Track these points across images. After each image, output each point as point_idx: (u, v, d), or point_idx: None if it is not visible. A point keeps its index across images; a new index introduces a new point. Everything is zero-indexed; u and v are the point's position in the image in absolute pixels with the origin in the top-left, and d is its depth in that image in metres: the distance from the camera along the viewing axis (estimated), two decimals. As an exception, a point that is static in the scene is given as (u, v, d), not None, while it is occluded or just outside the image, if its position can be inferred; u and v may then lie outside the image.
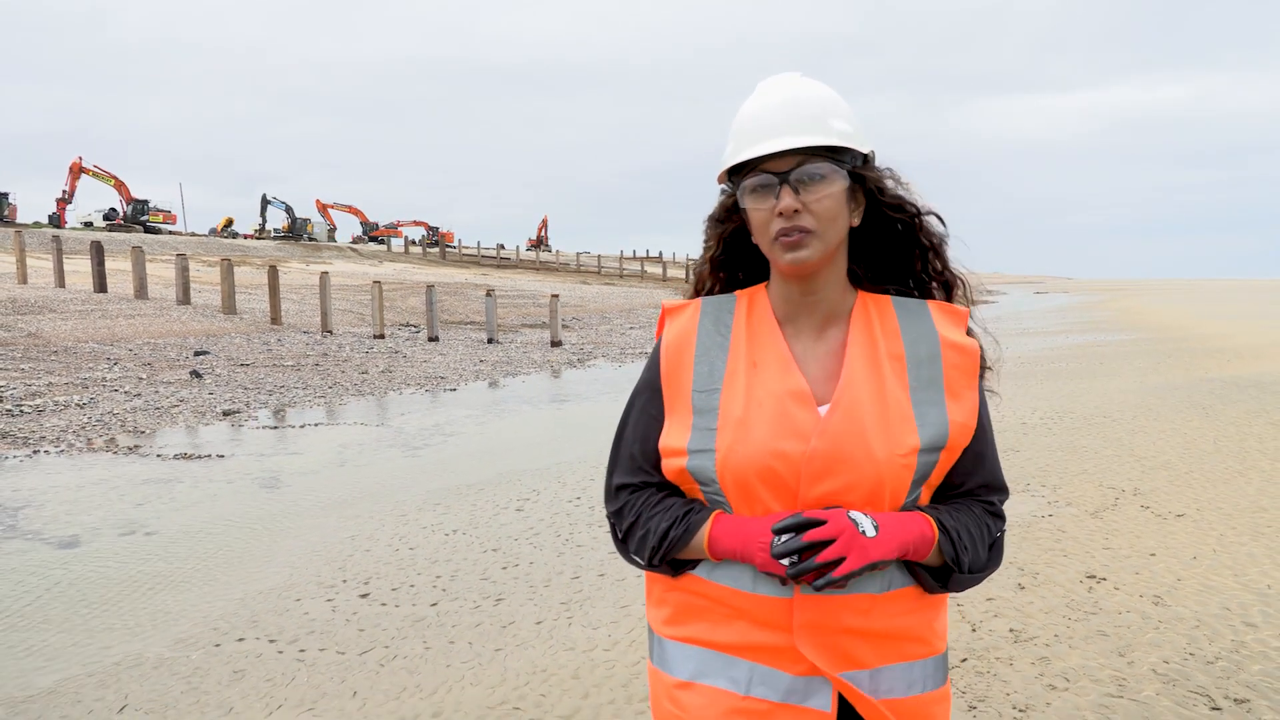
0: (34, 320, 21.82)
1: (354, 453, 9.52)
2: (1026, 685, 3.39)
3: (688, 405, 1.42)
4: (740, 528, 1.35)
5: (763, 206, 1.37)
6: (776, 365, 1.41)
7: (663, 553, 1.40)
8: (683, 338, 1.47)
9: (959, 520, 1.39)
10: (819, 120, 1.38)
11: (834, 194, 1.36)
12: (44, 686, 3.97)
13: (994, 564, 1.44)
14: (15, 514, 7.06)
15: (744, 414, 1.38)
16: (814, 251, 1.36)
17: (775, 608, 1.35)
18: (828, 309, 1.44)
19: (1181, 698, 3.24)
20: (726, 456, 1.36)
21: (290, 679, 3.92)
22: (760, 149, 1.36)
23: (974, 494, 1.44)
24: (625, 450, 1.50)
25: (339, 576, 5.36)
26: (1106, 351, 20.66)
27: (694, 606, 1.43)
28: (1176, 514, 5.86)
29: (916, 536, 1.33)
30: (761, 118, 1.40)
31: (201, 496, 7.63)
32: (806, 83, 1.43)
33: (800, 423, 1.35)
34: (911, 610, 1.39)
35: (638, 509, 1.45)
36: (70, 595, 5.22)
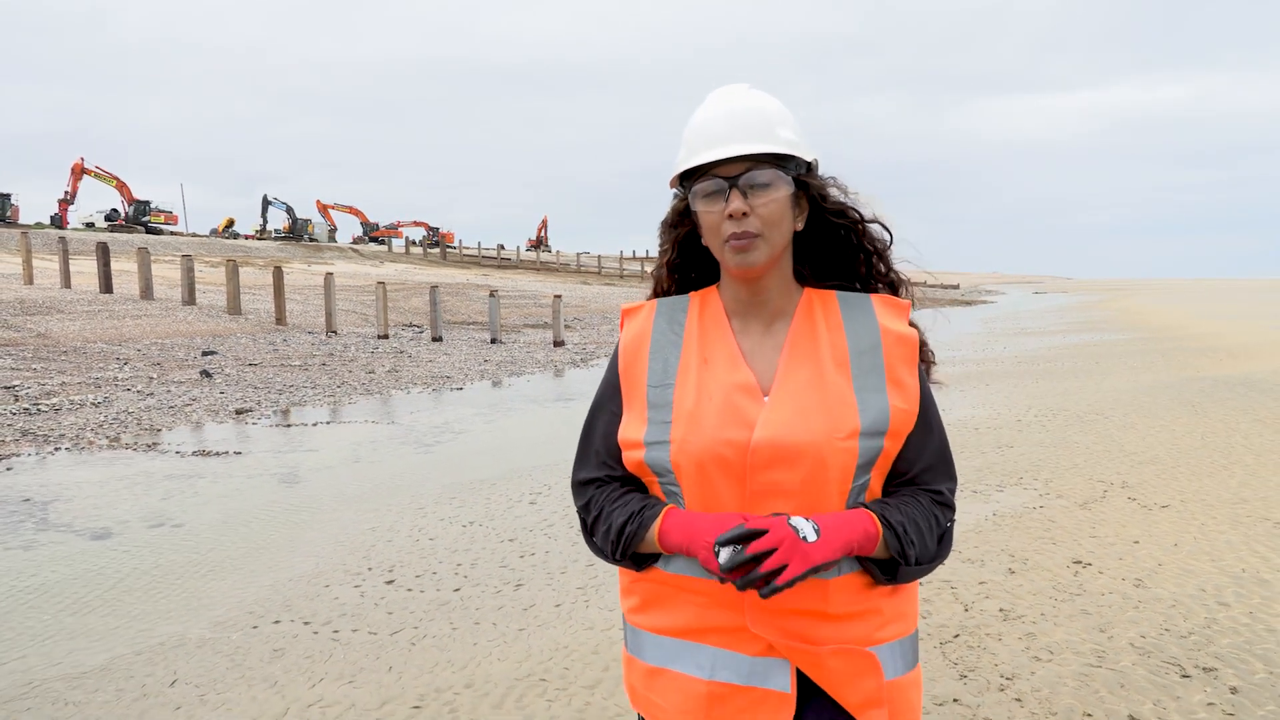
0: (42, 321, 22.04)
1: (367, 449, 9.79)
2: (1013, 657, 3.67)
3: (643, 400, 1.50)
4: (687, 525, 1.40)
5: (713, 210, 1.45)
6: (725, 360, 1.49)
7: (621, 548, 1.47)
8: (639, 337, 1.56)
9: (905, 514, 1.43)
10: (766, 129, 1.45)
11: (779, 199, 1.44)
12: (95, 665, 4.24)
13: (943, 555, 1.48)
14: (45, 507, 7.32)
15: (695, 407, 1.45)
16: (760, 255, 1.44)
17: (729, 592, 1.41)
18: (774, 306, 1.52)
19: (1155, 667, 3.53)
20: (680, 447, 1.43)
21: (328, 656, 4.20)
22: (711, 155, 1.44)
23: (921, 481, 1.48)
24: (590, 447, 1.57)
25: (364, 565, 5.64)
26: (1102, 351, 20.94)
27: (658, 595, 1.49)
28: (1161, 505, 6.14)
29: (860, 535, 1.37)
30: (712, 126, 1.47)
31: (224, 491, 7.89)
32: (755, 94, 1.51)
33: (747, 413, 1.43)
34: (865, 593, 1.43)
35: (600, 503, 1.52)
36: (108, 582, 5.49)
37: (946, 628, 4.04)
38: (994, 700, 3.30)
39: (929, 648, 3.79)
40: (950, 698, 3.33)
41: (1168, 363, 17.31)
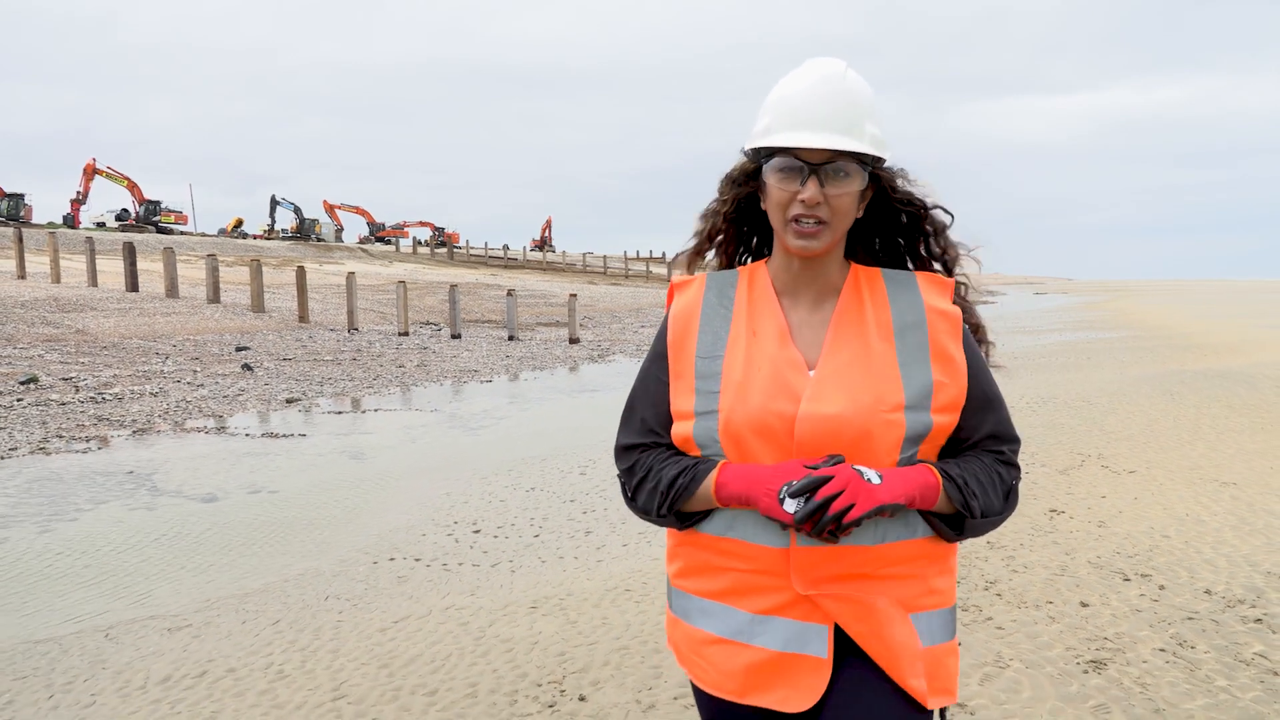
0: (79, 318, 22.98)
1: (420, 433, 10.80)
2: (995, 570, 4.68)
3: (692, 371, 1.54)
4: (746, 474, 1.45)
5: (786, 188, 1.46)
6: (774, 334, 1.52)
7: (670, 500, 1.50)
8: (689, 309, 1.59)
9: (965, 469, 1.47)
10: (856, 123, 1.46)
11: (853, 192, 1.47)
12: (256, 587, 5.24)
13: (1009, 508, 1.52)
14: (150, 479, 8.32)
15: (744, 378, 1.49)
16: (823, 242, 1.48)
17: (774, 558, 1.45)
18: (823, 283, 1.55)
19: (1104, 575, 4.55)
20: (729, 417, 1.47)
21: (445, 580, 5.21)
22: (801, 140, 1.44)
23: (981, 446, 1.51)
24: (636, 414, 1.61)
25: (450, 519, 6.64)
26: (1095, 348, 21.94)
27: (701, 560, 1.54)
28: (1129, 471, 7.15)
29: (921, 484, 1.41)
30: (805, 105, 1.47)
31: (301, 465, 8.89)
32: (851, 77, 1.49)
33: (793, 385, 1.46)
34: (908, 562, 1.47)
35: (648, 464, 1.56)
36: (236, 532, 6.49)
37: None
38: (980, 596, 4.31)
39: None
40: (947, 594, 4.36)
41: (1155, 358, 18.33)
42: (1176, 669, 3.46)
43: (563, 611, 4.43)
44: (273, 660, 3.94)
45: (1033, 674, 3.45)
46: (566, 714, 3.30)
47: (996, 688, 3.34)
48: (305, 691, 3.57)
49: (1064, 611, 4.09)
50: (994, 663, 3.55)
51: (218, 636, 4.36)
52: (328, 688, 3.60)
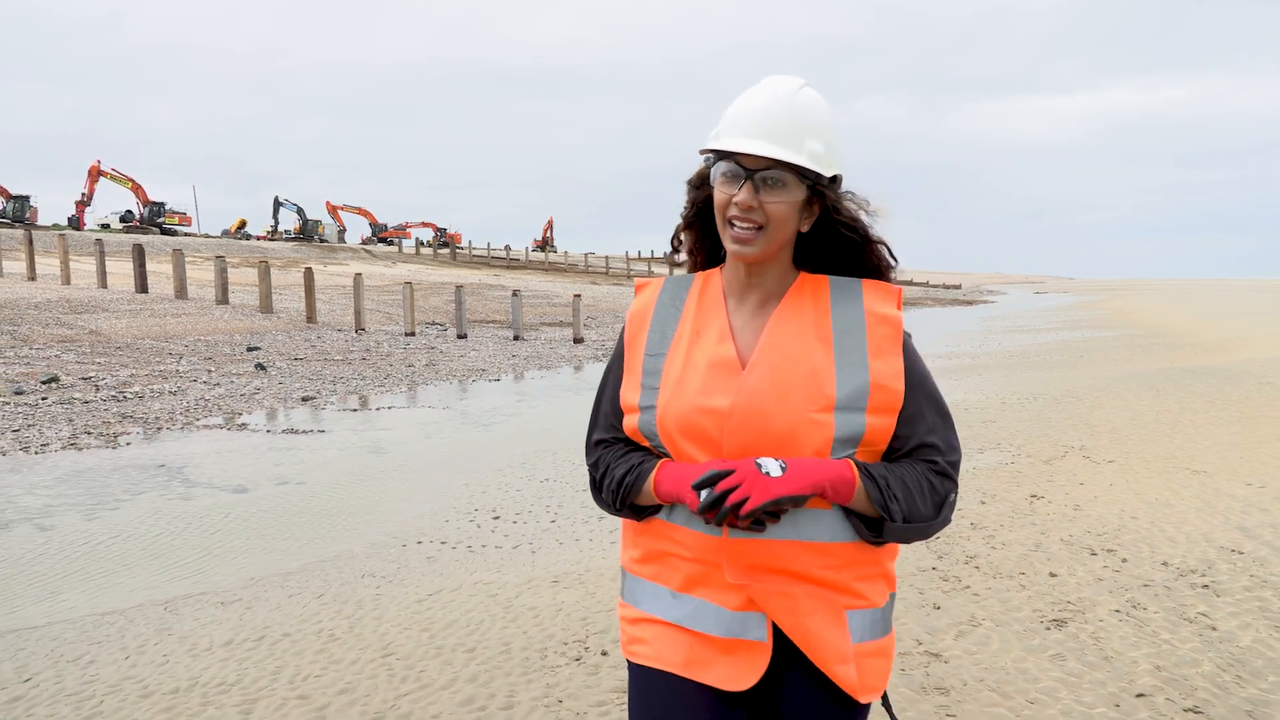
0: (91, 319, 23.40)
1: (434, 428, 11.24)
2: (976, 547, 5.13)
3: (639, 367, 1.63)
4: (676, 474, 1.53)
5: (726, 191, 1.54)
6: (715, 334, 1.59)
7: (620, 497, 1.60)
8: (644, 308, 1.68)
9: (890, 471, 1.50)
10: (796, 138, 1.51)
11: (789, 202, 1.52)
12: (296, 567, 5.69)
13: (942, 520, 1.53)
14: (181, 471, 8.76)
15: (681, 375, 1.57)
16: (756, 249, 1.53)
17: (712, 546, 1.53)
18: (769, 288, 1.61)
19: (1074, 550, 5.00)
20: (664, 412, 1.56)
21: (471, 559, 5.65)
22: (736, 145, 1.52)
23: (915, 454, 1.55)
24: (601, 410, 1.72)
25: (470, 507, 7.09)
26: (1088, 346, 22.38)
27: (655, 548, 1.62)
28: (1108, 460, 7.59)
29: (833, 476, 1.45)
30: (751, 113, 1.54)
31: (325, 459, 9.33)
32: (802, 96, 1.56)
33: (724, 382, 1.53)
34: (842, 565, 1.52)
35: (606, 461, 1.66)
36: (270, 520, 6.93)
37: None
38: (960, 569, 4.76)
39: (917, 547, 5.24)
40: (930, 566, 4.79)
41: (1146, 356, 18.77)
42: (1128, 626, 3.91)
43: (582, 585, 4.87)
44: (323, 626, 4.39)
45: (1001, 631, 3.90)
46: (591, 666, 3.74)
47: (969, 642, 3.79)
48: (357, 650, 4.02)
49: (1034, 581, 4.54)
50: (968, 622, 4.01)
51: (268, 608, 4.80)
52: (376, 647, 4.04)
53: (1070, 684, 3.39)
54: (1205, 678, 3.41)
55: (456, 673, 3.71)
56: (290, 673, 3.78)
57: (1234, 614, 4.03)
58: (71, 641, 4.38)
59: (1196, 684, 3.36)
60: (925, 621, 4.05)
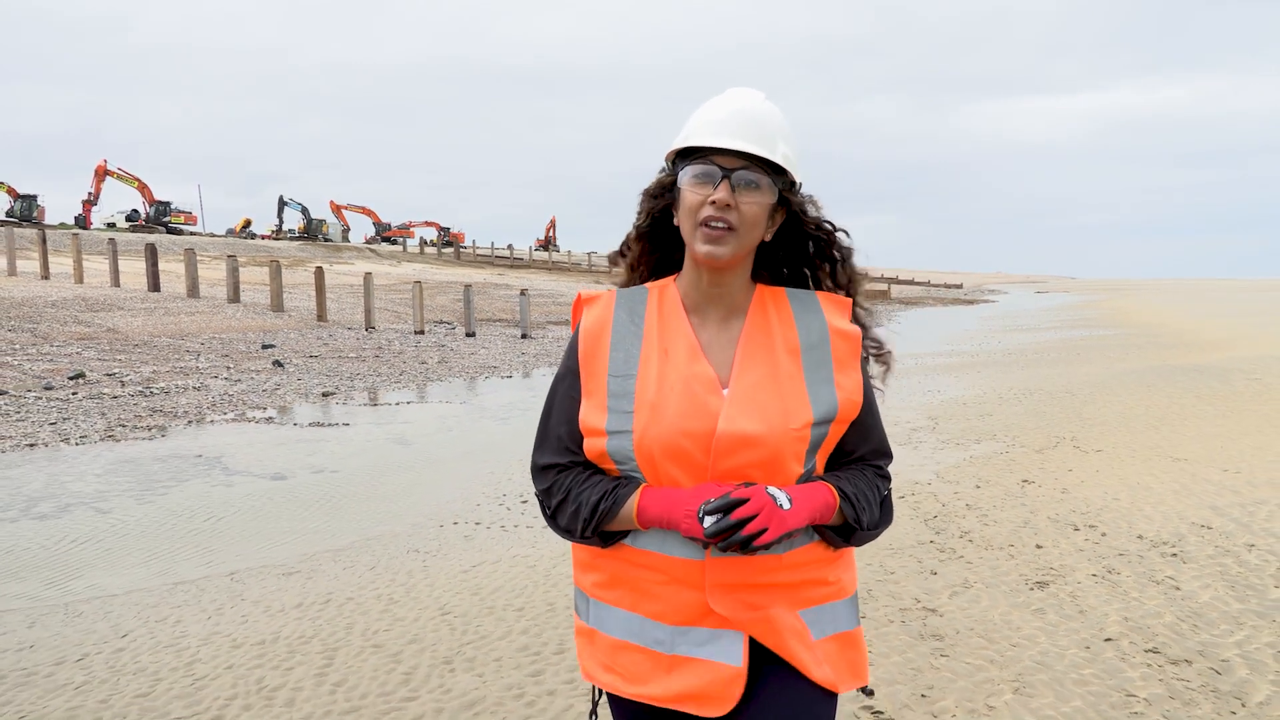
0: (107, 317, 23.87)
1: (454, 422, 11.73)
2: (969, 524, 5.63)
3: (604, 389, 1.56)
4: (666, 498, 1.49)
5: (698, 192, 1.52)
6: (685, 353, 1.57)
7: (594, 524, 1.53)
8: (599, 326, 1.61)
9: (856, 485, 1.58)
10: (769, 139, 1.54)
11: (763, 204, 1.53)
12: (343, 544, 6.17)
13: (886, 520, 1.63)
14: (219, 461, 9.24)
15: (656, 397, 1.52)
16: (728, 250, 1.52)
17: (690, 570, 1.52)
18: (731, 301, 1.61)
19: (1058, 526, 5.49)
20: (642, 436, 1.51)
21: (506, 537, 6.13)
22: (715, 140, 1.52)
23: (864, 459, 1.63)
24: (552, 432, 1.63)
25: (499, 493, 7.57)
26: (1086, 345, 22.86)
27: (623, 574, 1.58)
28: (1097, 450, 8.08)
29: (823, 505, 1.51)
30: (722, 117, 1.55)
31: (353, 450, 9.82)
32: (768, 104, 1.59)
33: (707, 403, 1.51)
34: (815, 562, 1.57)
35: (566, 486, 1.58)
36: (310, 504, 7.41)
37: (929, 512, 5.99)
38: (955, 542, 5.26)
39: (917, 523, 5.72)
40: (928, 540, 5.29)
41: (1141, 354, 19.26)
42: (1102, 586, 4.41)
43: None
44: (381, 592, 4.87)
45: (990, 591, 4.40)
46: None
47: (961, 600, 4.28)
48: (417, 609, 4.50)
49: (1021, 551, 5.04)
50: (961, 585, 4.50)
51: (327, 578, 5.29)
52: (434, 608, 4.52)
53: (1048, 632, 3.88)
54: (1166, 626, 3.90)
55: (510, 626, 4.19)
56: (361, 628, 4.26)
57: (1197, 577, 4.52)
58: (154, 605, 4.86)
59: (1158, 631, 3.86)
60: (923, 584, 4.54)
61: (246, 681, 3.67)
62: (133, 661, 3.97)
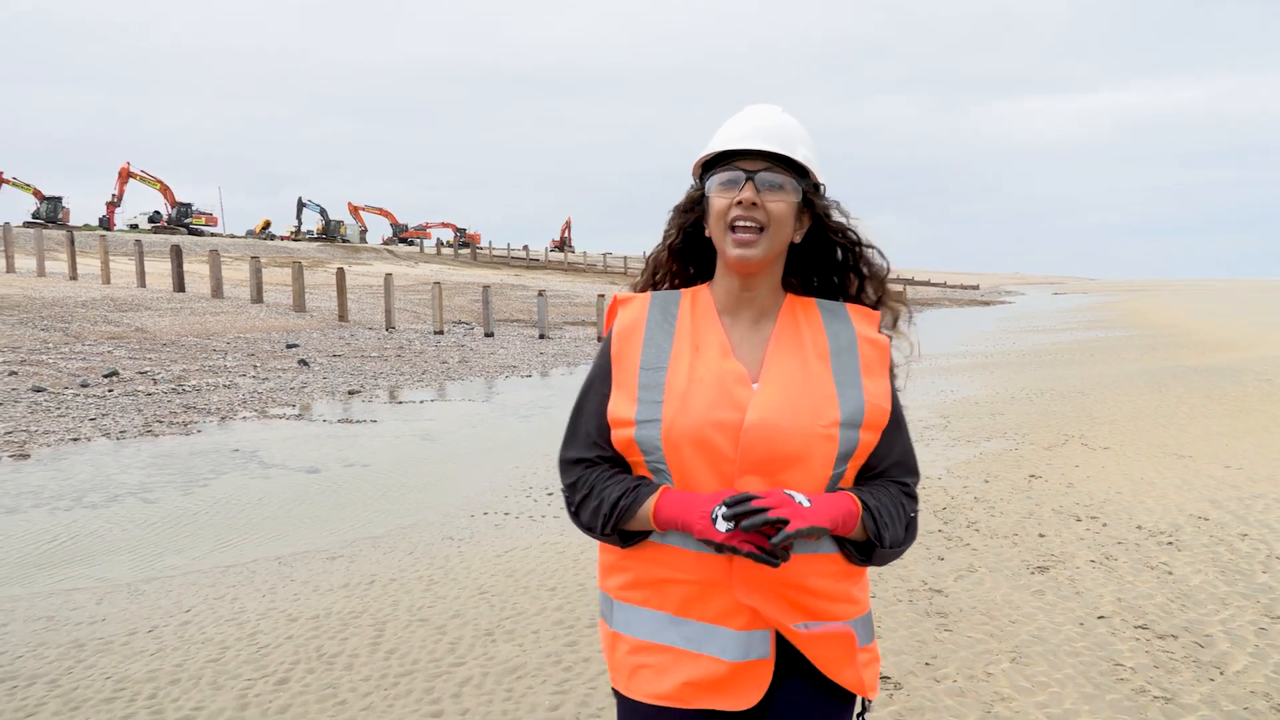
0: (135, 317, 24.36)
1: (479, 419, 12.08)
2: (977, 515, 5.92)
3: (634, 382, 1.60)
4: (682, 501, 1.51)
5: (725, 196, 1.58)
6: (716, 349, 1.60)
7: (613, 521, 1.56)
8: (633, 324, 1.66)
9: (880, 500, 1.58)
10: (789, 142, 1.61)
11: (788, 203, 1.59)
12: (380, 532, 6.51)
13: (909, 540, 1.62)
14: (254, 455, 9.61)
15: (686, 389, 1.56)
16: (759, 251, 1.57)
17: (717, 567, 1.54)
18: (761, 305, 1.65)
19: (1062, 517, 5.78)
20: (670, 426, 1.54)
21: (534, 527, 6.45)
22: (736, 144, 1.60)
23: (889, 475, 1.63)
24: (581, 428, 1.67)
25: (525, 485, 7.89)
26: (1099, 346, 23.01)
27: (649, 574, 1.59)
28: (1104, 447, 8.33)
29: (844, 512, 1.52)
30: (744, 129, 1.63)
31: (382, 445, 10.17)
32: (787, 115, 1.66)
33: (736, 397, 1.55)
34: (837, 574, 1.58)
35: (590, 482, 1.61)
36: (345, 495, 7.76)
37: (938, 504, 6.28)
38: (963, 531, 5.55)
39: (926, 514, 6.00)
40: (936, 529, 5.58)
41: (1154, 355, 19.42)
42: (1099, 571, 4.69)
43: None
44: (421, 574, 5.20)
45: (994, 575, 4.69)
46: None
47: (966, 582, 4.58)
48: (456, 589, 4.83)
49: (1024, 540, 5.33)
50: (966, 569, 4.79)
51: (369, 562, 5.62)
52: (472, 588, 4.85)
53: (1046, 610, 4.17)
54: (1157, 606, 4.19)
55: (544, 604, 4.51)
56: (406, 604, 4.59)
57: (1189, 563, 4.80)
58: (210, 585, 5.21)
59: (1148, 610, 4.14)
60: (930, 569, 4.83)
61: (306, 649, 4.01)
62: (199, 632, 4.31)
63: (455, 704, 3.43)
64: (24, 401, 12.24)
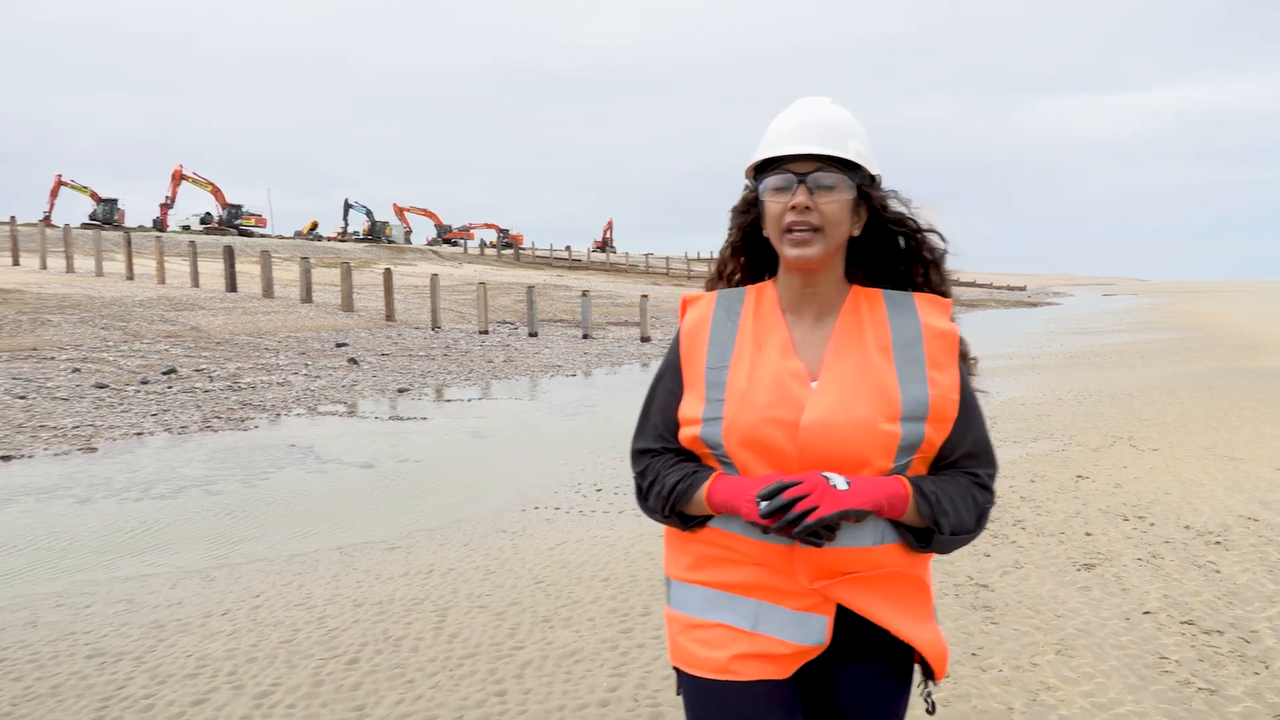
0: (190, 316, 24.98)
1: (526, 417, 12.29)
2: (1024, 514, 5.97)
3: (701, 380, 1.65)
4: (732, 485, 1.57)
5: (779, 201, 1.60)
6: (777, 348, 1.63)
7: (671, 503, 1.63)
8: (699, 323, 1.70)
9: (940, 487, 1.57)
10: (838, 139, 1.61)
11: (841, 201, 1.59)
12: (435, 526, 6.71)
13: (978, 530, 1.61)
14: (310, 451, 9.89)
15: (747, 388, 1.60)
16: (817, 250, 1.59)
17: (780, 553, 1.58)
18: (824, 300, 1.66)
19: (1109, 517, 5.81)
20: (731, 423, 1.59)
21: (583, 521, 6.61)
22: (784, 149, 1.61)
23: (960, 465, 1.62)
24: (650, 421, 1.74)
25: (574, 481, 8.06)
26: (1150, 348, 22.67)
27: (710, 554, 1.65)
28: (1153, 449, 8.30)
29: (889, 493, 1.52)
30: (792, 127, 1.63)
31: (433, 442, 10.41)
32: (834, 107, 1.66)
33: (795, 394, 1.58)
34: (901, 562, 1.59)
35: (656, 469, 1.69)
36: (399, 489, 7.99)
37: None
38: (1009, 529, 5.61)
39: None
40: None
41: (1207, 356, 19.11)
42: (1145, 569, 4.74)
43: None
44: (477, 564, 5.38)
45: (1040, 571, 4.76)
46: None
47: (1011, 578, 4.65)
48: (512, 578, 5.00)
49: (1071, 538, 5.38)
50: (1012, 565, 4.87)
51: (426, 552, 5.82)
52: (527, 578, 5.02)
53: (1092, 605, 4.24)
54: (1203, 603, 4.24)
55: (598, 593, 4.67)
56: (466, 592, 4.78)
57: (1238, 562, 4.83)
58: (276, 573, 5.44)
59: (1194, 606, 4.19)
60: (976, 565, 4.91)
61: (373, 632, 4.20)
62: (270, 615, 4.53)
63: (518, 684, 3.60)
64: (88, 397, 12.69)
